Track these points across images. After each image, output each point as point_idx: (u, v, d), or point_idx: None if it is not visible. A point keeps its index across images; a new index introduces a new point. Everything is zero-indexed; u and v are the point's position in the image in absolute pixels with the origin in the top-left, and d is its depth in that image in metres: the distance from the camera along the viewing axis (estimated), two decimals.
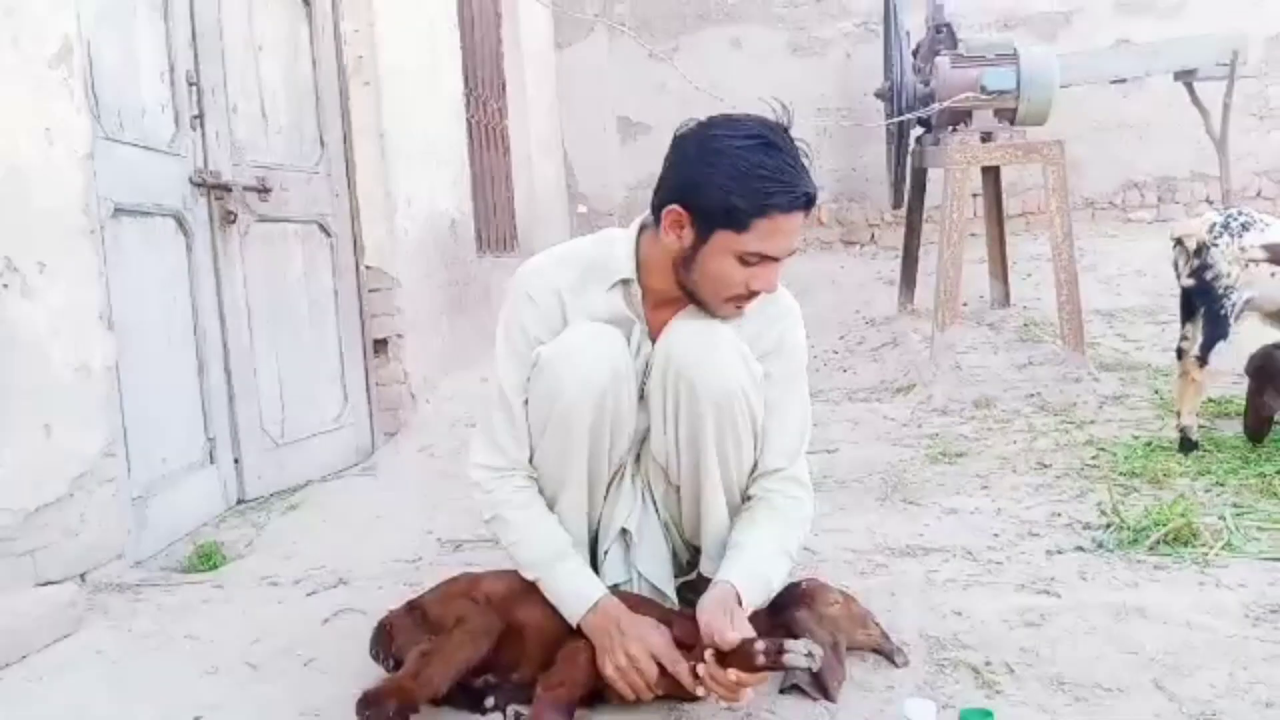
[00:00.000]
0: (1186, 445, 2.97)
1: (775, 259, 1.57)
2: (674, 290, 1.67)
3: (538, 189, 5.89)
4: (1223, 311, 2.87)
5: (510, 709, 1.56)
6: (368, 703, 1.45)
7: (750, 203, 1.51)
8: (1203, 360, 2.95)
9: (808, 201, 1.54)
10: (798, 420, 1.76)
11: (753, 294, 1.61)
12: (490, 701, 1.58)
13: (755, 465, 1.73)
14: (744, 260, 1.56)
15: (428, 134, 4.20)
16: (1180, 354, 3.09)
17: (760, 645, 1.41)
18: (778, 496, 1.71)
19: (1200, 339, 2.94)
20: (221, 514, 2.88)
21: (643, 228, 1.70)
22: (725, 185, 1.51)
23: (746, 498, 1.75)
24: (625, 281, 1.68)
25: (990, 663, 1.71)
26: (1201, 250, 2.90)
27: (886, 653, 1.72)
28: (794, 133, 1.58)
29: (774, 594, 1.65)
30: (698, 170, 1.55)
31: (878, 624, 1.76)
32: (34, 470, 2.14)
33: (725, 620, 1.47)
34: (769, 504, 1.71)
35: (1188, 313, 3.02)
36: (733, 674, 1.42)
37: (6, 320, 2.09)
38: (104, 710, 1.69)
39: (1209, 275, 2.88)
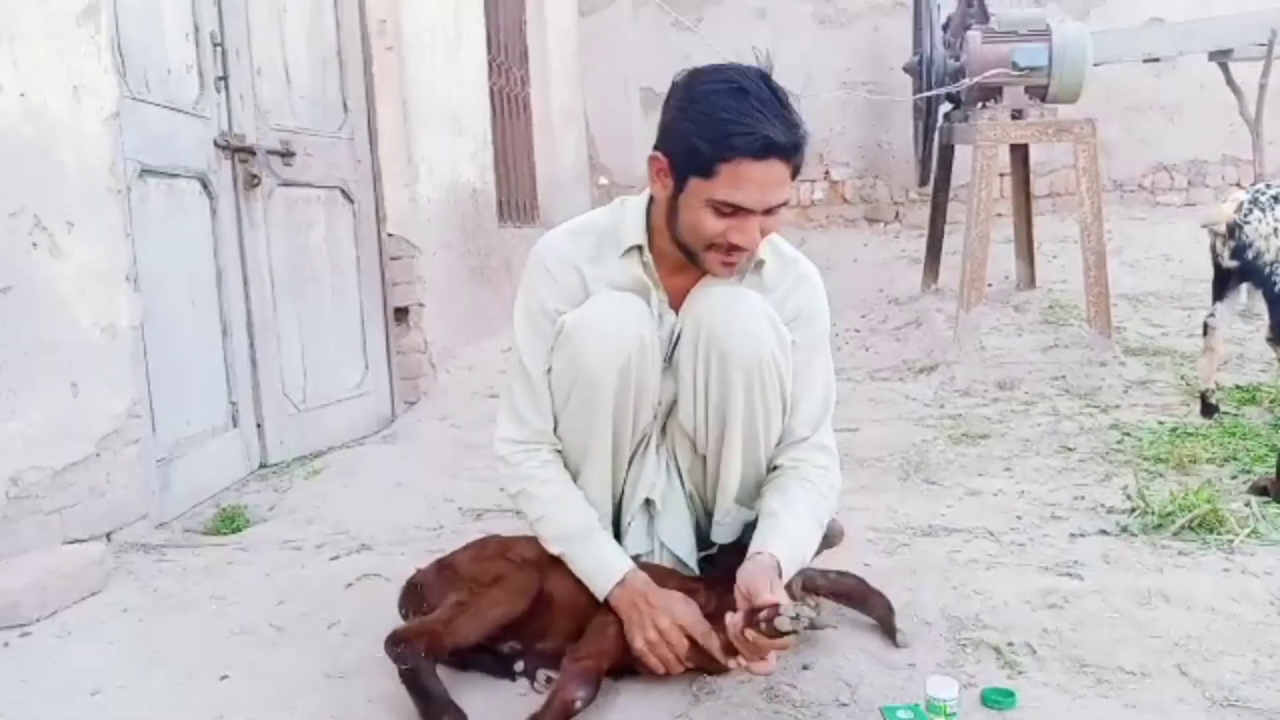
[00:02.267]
0: (1208, 410, 3.10)
1: (749, 210, 1.52)
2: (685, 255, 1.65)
3: (559, 160, 5.86)
4: (1278, 288, 2.86)
5: (540, 673, 1.57)
6: (398, 640, 1.46)
7: (712, 147, 1.49)
8: (1277, 340, 2.98)
9: (769, 146, 1.47)
10: (823, 387, 1.74)
11: (734, 248, 1.56)
12: (519, 666, 1.59)
13: (782, 435, 1.73)
14: (718, 210, 1.52)
15: (450, 101, 4.18)
16: (1206, 329, 3.11)
17: (764, 613, 1.42)
18: (806, 466, 1.70)
19: (1269, 320, 2.97)
20: (244, 478, 2.90)
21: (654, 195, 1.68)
22: (690, 129, 1.51)
23: (774, 468, 1.73)
24: (637, 248, 1.67)
25: (1012, 643, 1.70)
26: (1235, 231, 2.88)
27: (888, 627, 1.72)
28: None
29: (807, 563, 1.65)
30: (674, 116, 1.55)
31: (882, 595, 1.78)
32: (61, 429, 2.15)
33: (766, 585, 1.46)
34: (799, 474, 1.69)
35: (1219, 292, 3.03)
36: (751, 634, 1.42)
37: (35, 278, 2.10)
38: (133, 667, 1.71)
39: (1250, 255, 2.86)
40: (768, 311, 1.64)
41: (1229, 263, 2.96)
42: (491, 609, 1.54)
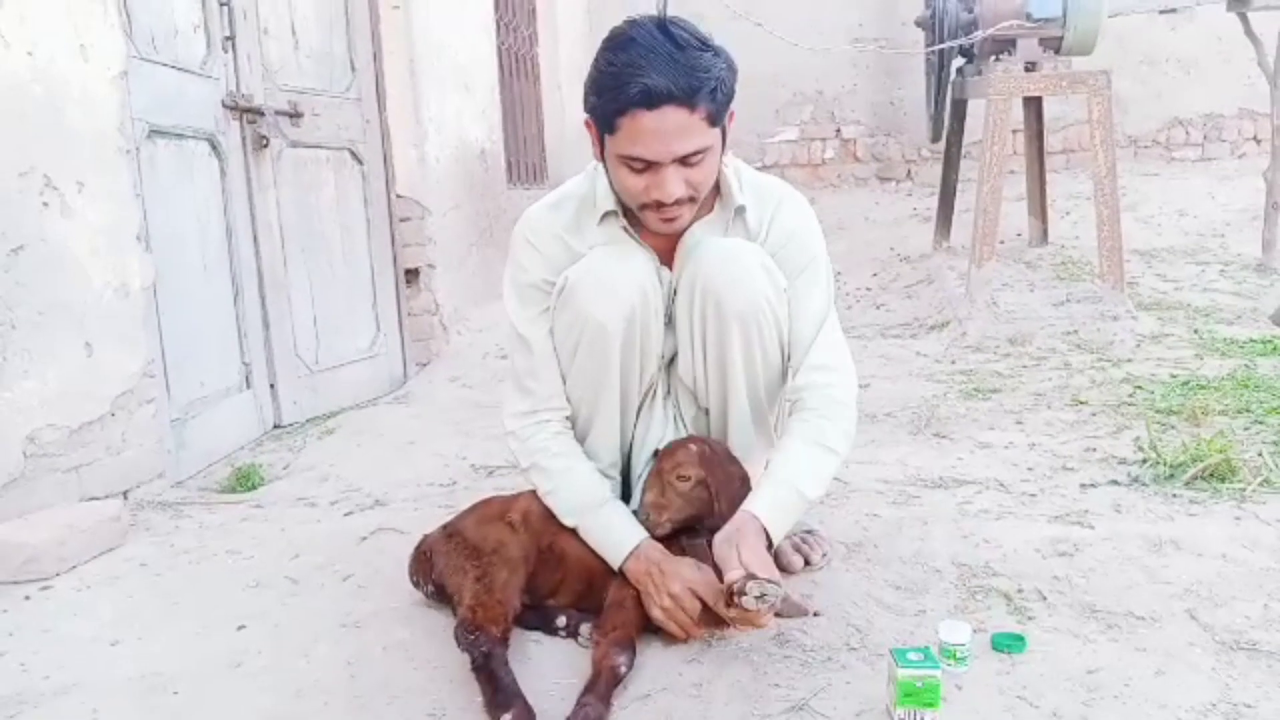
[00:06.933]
0: None
1: (657, 162, 1.48)
2: None
3: (568, 119, 5.81)
4: None
5: (584, 627, 1.58)
6: (470, 629, 1.47)
7: (606, 103, 1.48)
8: None
9: (652, 94, 1.42)
10: (817, 306, 1.70)
11: (661, 203, 1.52)
12: (562, 620, 1.60)
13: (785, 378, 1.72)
14: (630, 166, 1.50)
15: (458, 60, 4.15)
16: None
17: (735, 585, 1.44)
18: (804, 393, 1.67)
19: None
20: (258, 438, 2.92)
21: None
22: (590, 88, 1.51)
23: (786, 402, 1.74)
24: (612, 213, 1.65)
25: (1022, 590, 1.71)
26: None
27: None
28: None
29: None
30: (586, 79, 1.54)
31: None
32: (77, 388, 2.17)
33: (734, 554, 1.47)
34: (798, 406, 1.68)
35: None
36: (733, 612, 1.45)
37: (48, 238, 2.11)
38: (151, 618, 1.74)
39: None
40: (762, 260, 1.63)
41: None
42: (510, 579, 1.55)
